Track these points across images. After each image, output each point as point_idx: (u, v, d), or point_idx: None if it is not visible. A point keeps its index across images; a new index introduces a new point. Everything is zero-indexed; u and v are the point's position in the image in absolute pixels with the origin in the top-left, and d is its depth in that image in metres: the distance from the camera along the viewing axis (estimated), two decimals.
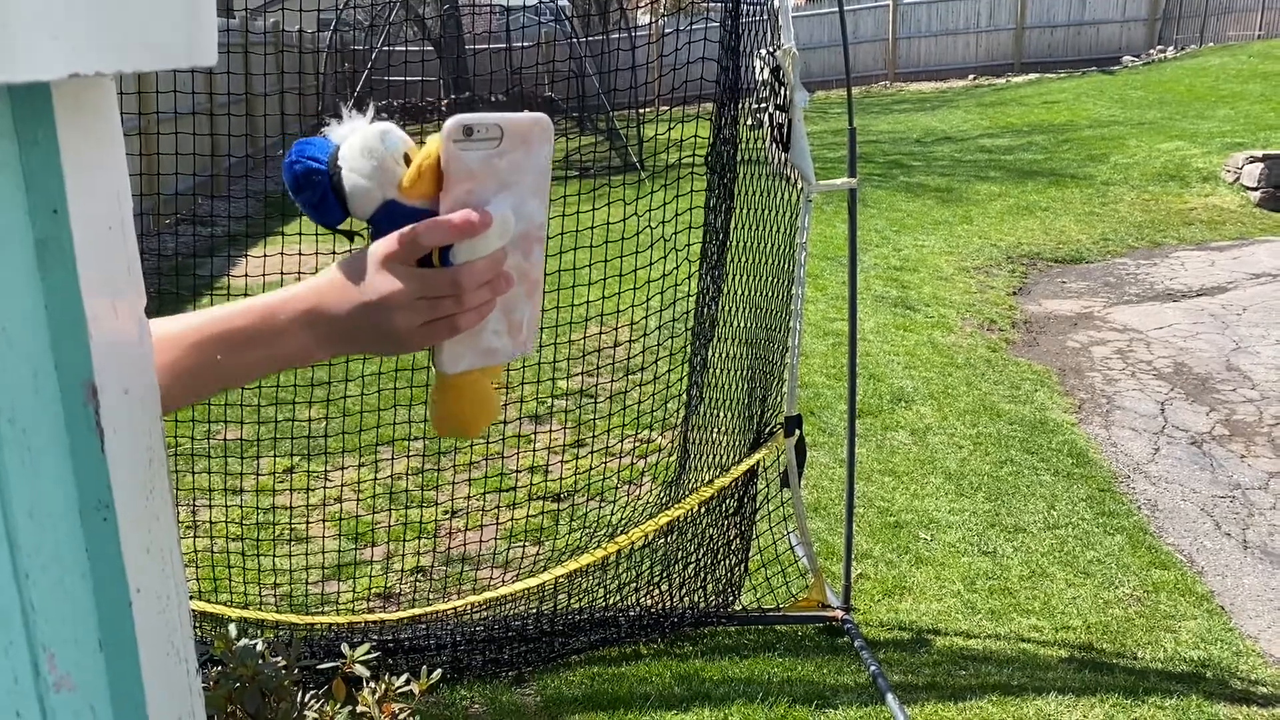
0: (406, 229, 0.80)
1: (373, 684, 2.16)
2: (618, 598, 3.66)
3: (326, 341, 0.84)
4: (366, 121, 0.84)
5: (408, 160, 0.81)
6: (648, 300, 4.54)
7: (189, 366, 0.85)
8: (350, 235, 0.86)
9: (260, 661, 2.01)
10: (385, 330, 0.82)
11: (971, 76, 21.70)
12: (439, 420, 0.91)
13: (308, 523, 4.35)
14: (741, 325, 3.69)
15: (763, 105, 3.39)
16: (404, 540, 4.25)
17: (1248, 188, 10.40)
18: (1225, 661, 3.50)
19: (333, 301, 0.83)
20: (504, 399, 5.24)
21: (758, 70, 3.38)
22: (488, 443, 5.06)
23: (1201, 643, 3.59)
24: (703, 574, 3.70)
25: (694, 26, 4.06)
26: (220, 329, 0.85)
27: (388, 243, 0.81)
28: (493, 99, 16.09)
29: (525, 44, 15.96)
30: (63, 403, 0.49)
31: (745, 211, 3.55)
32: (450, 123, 0.78)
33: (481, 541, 4.22)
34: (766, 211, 3.51)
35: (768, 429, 3.57)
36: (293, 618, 3.40)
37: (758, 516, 3.79)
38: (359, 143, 0.81)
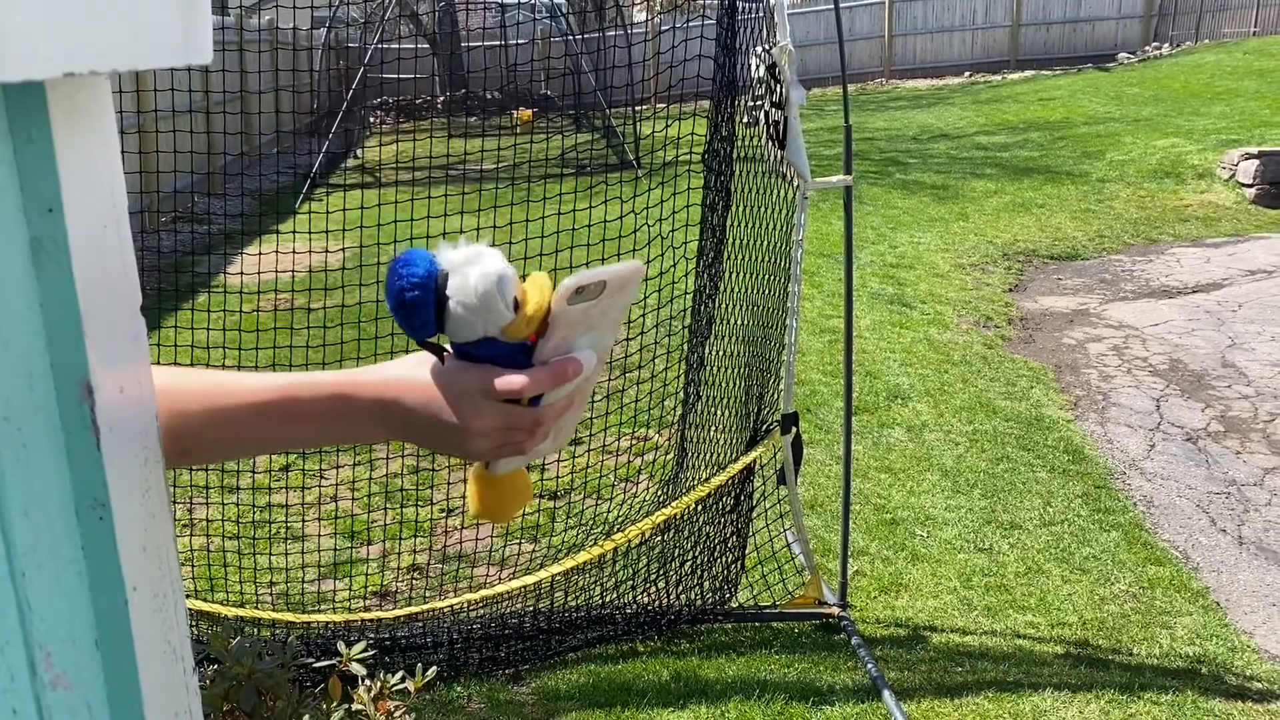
0: (508, 379, 0.83)
1: (369, 682, 2.16)
2: (615, 595, 3.66)
3: (393, 432, 0.87)
4: (480, 250, 0.84)
5: (515, 304, 0.82)
6: (644, 298, 4.54)
7: (244, 421, 0.86)
8: (439, 350, 0.87)
9: (256, 660, 2.01)
10: (460, 446, 0.86)
11: (967, 73, 21.72)
12: (480, 512, 0.95)
13: (304, 520, 4.35)
14: (738, 323, 3.70)
15: (758, 103, 3.39)
16: (400, 539, 4.25)
17: (1243, 184, 10.42)
18: (1220, 657, 3.51)
19: (413, 405, 0.85)
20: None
21: (753, 67, 3.38)
22: None
23: (1197, 638, 3.60)
24: (700, 571, 3.70)
25: (690, 24, 4.06)
26: (289, 398, 0.86)
27: (484, 379, 0.84)
28: (488, 96, 16.08)
29: (521, 41, 15.95)
30: (58, 401, 0.49)
31: (742, 209, 3.55)
32: (566, 283, 0.81)
33: (478, 539, 4.22)
34: (763, 209, 3.51)
35: (764, 426, 3.57)
36: (289, 616, 3.40)
37: (754, 514, 3.79)
38: (475, 284, 0.81)
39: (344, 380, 0.87)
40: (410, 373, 0.86)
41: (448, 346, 0.86)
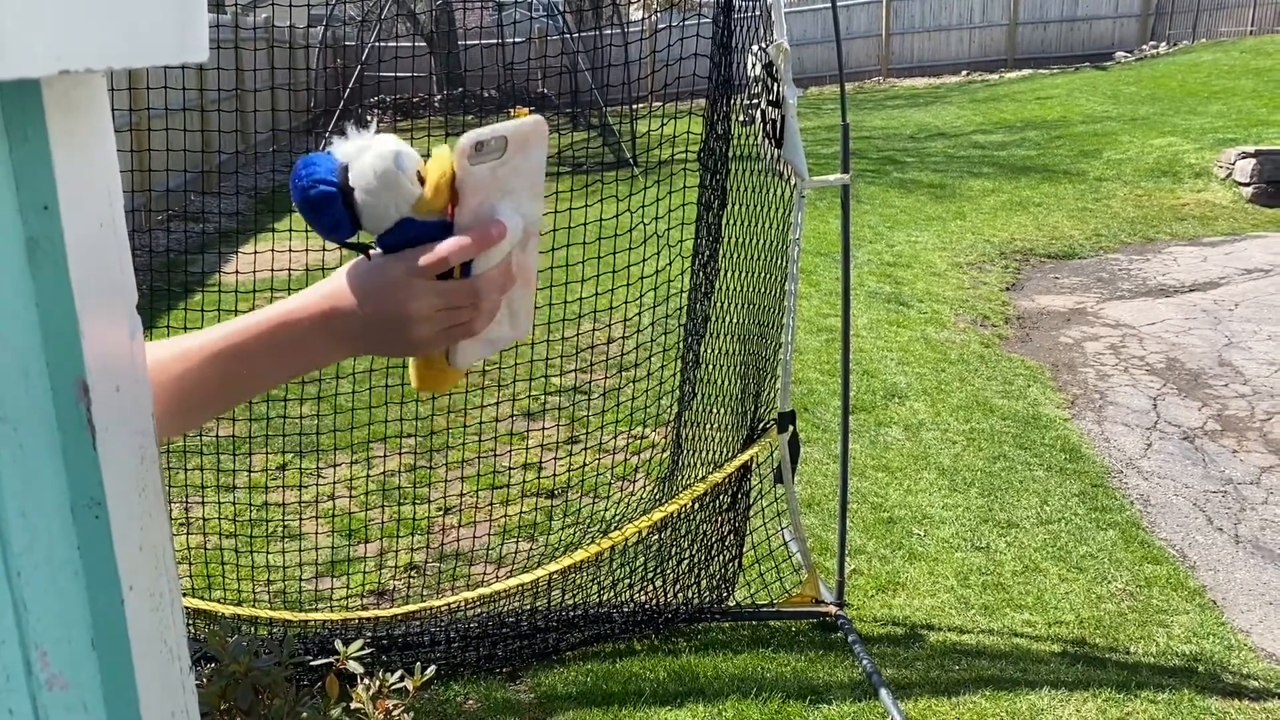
0: (431, 252, 0.82)
1: (367, 681, 2.16)
2: (612, 594, 3.67)
3: (343, 344, 0.87)
4: (372, 137, 0.84)
5: (419, 178, 0.82)
6: (641, 296, 4.54)
7: (208, 378, 0.86)
8: (362, 248, 0.87)
9: (254, 658, 2.01)
10: (405, 338, 0.85)
11: (965, 72, 21.73)
12: (420, 385, 0.94)
13: (301, 519, 4.35)
14: (735, 321, 3.70)
15: (755, 101, 3.39)
16: (397, 537, 4.25)
17: (1240, 183, 10.43)
18: (1217, 656, 3.51)
19: (351, 308, 0.85)
20: (496, 396, 5.24)
21: (750, 66, 3.38)
22: (480, 440, 5.05)
23: (1193, 637, 3.60)
24: (697, 570, 3.71)
25: (687, 23, 4.06)
26: (238, 339, 0.87)
27: (408, 260, 0.83)
28: (485, 94, 16.06)
29: (518, 39, 15.94)
30: (54, 400, 0.49)
31: (738, 207, 3.55)
32: (463, 141, 0.81)
33: (475, 538, 4.22)
34: (759, 207, 3.51)
35: (761, 425, 3.57)
36: (286, 614, 3.40)
37: (751, 512, 3.79)
38: (371, 164, 0.81)
39: (283, 309, 0.87)
40: (343, 281, 0.86)
41: (372, 246, 0.86)
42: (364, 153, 0.82)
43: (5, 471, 0.47)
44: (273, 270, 4.34)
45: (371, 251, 0.86)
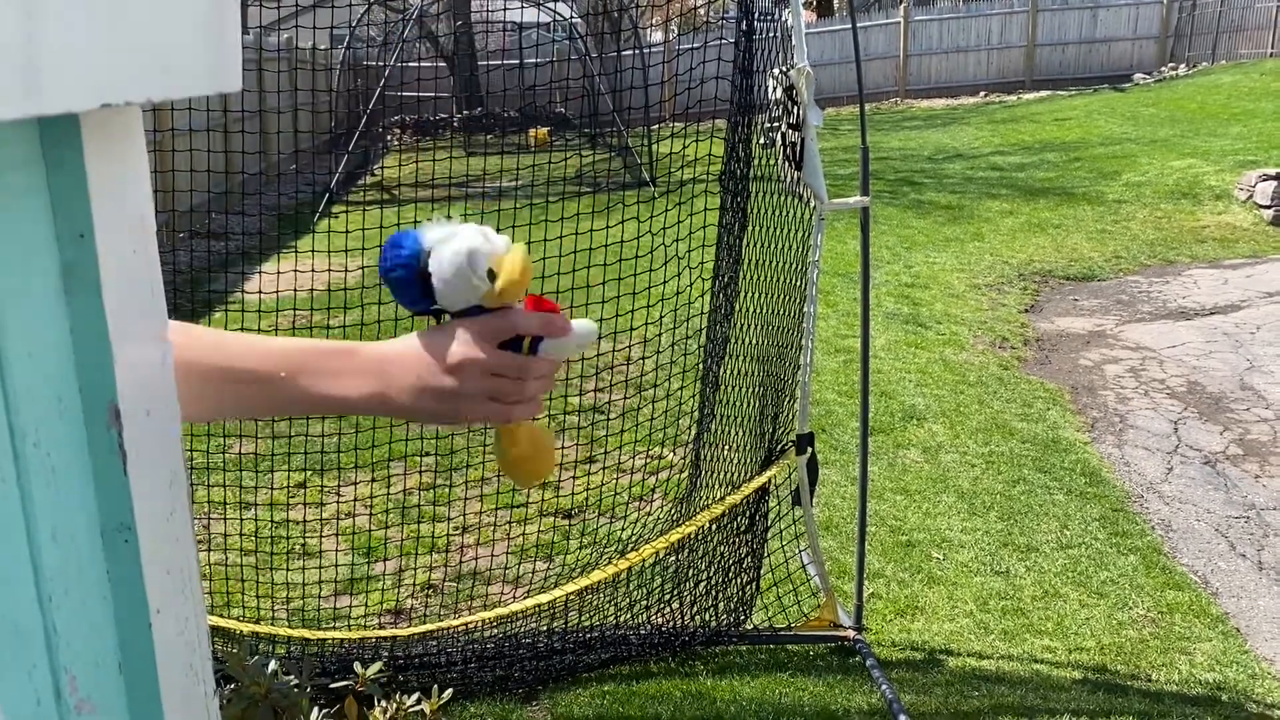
0: (502, 321, 0.89)
1: (384, 703, 2.16)
2: (628, 615, 3.65)
3: (390, 392, 0.90)
4: (458, 227, 0.91)
5: (492, 275, 0.89)
6: (660, 317, 4.55)
7: (259, 374, 0.89)
8: (438, 315, 0.93)
9: (273, 680, 2.01)
10: (446, 390, 0.89)
11: (983, 93, 21.73)
12: (508, 465, 0.99)
13: (321, 537, 4.36)
14: (754, 342, 3.69)
15: (775, 124, 3.40)
16: (416, 554, 4.25)
17: (1261, 206, 10.36)
18: (1240, 684, 3.47)
19: (408, 354, 0.90)
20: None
21: (770, 89, 3.39)
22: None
23: (1216, 665, 3.56)
24: (714, 592, 3.69)
25: (708, 45, 4.08)
26: (299, 348, 0.91)
27: (479, 323, 0.90)
28: (505, 115, 16.16)
29: (538, 61, 16.04)
30: (86, 426, 0.50)
31: (758, 229, 3.55)
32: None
33: (493, 556, 4.21)
34: (779, 229, 3.52)
35: (779, 446, 3.56)
36: (305, 633, 3.40)
37: (769, 535, 3.77)
38: (448, 259, 0.88)
39: (348, 343, 0.93)
40: (410, 336, 0.92)
41: (449, 314, 0.93)
42: (445, 243, 0.89)
43: (37, 495, 0.47)
44: (295, 289, 4.37)
45: (445, 319, 0.93)
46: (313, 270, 4.54)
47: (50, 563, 0.48)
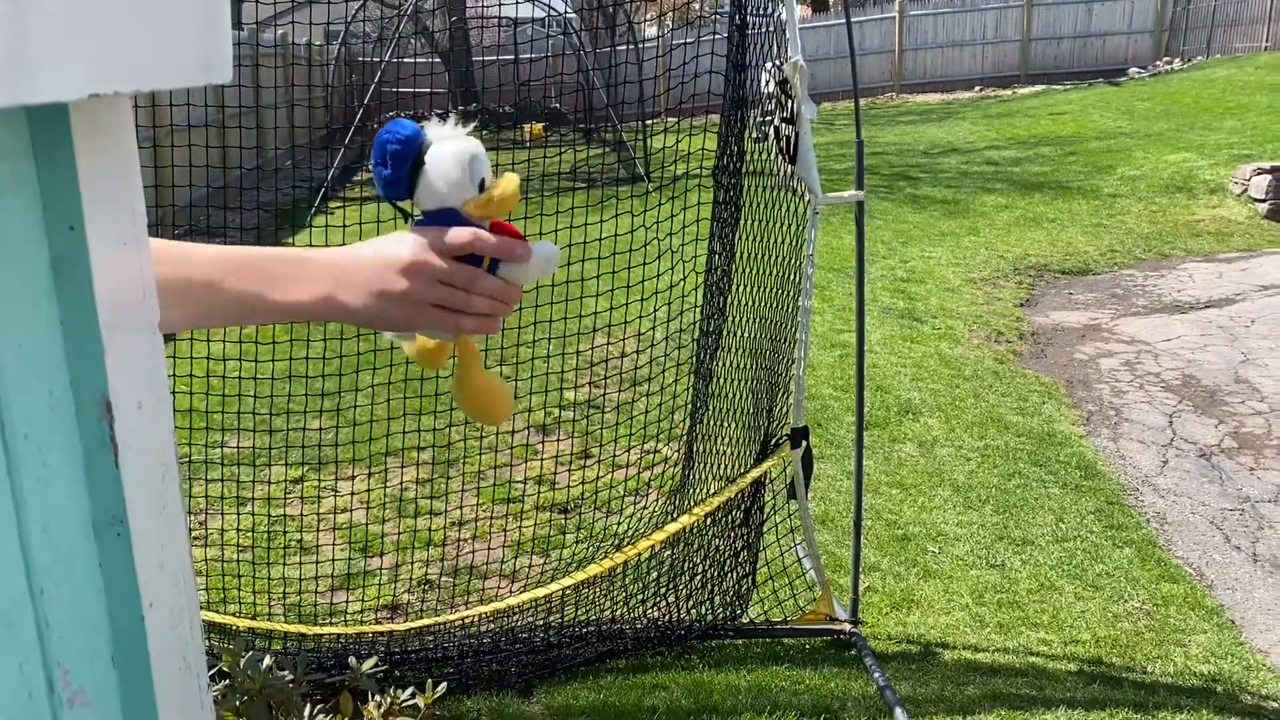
0: (461, 230, 0.91)
1: (379, 697, 2.16)
2: (625, 609, 3.66)
3: (340, 293, 0.91)
4: (464, 134, 0.93)
5: (481, 185, 0.91)
6: (654, 311, 4.55)
7: (213, 281, 0.90)
8: (406, 215, 0.95)
9: (268, 676, 2.01)
10: (395, 293, 0.90)
11: (978, 88, 21.73)
12: (461, 398, 1.01)
13: (319, 531, 4.36)
14: (748, 336, 3.69)
15: (769, 118, 3.40)
16: (413, 547, 4.25)
17: (1255, 199, 10.38)
18: (1235, 676, 3.48)
19: (361, 257, 0.92)
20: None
21: (764, 83, 3.39)
22: (495, 453, 5.06)
23: (1211, 657, 3.57)
24: (710, 586, 3.69)
25: (701, 40, 4.07)
26: (249, 256, 0.92)
27: (439, 231, 0.91)
28: (499, 110, 16.14)
29: (533, 56, 16.02)
30: (77, 418, 0.49)
31: (752, 223, 3.55)
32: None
33: (490, 549, 4.22)
34: (773, 223, 3.51)
35: (774, 440, 3.56)
36: (300, 628, 3.40)
37: (765, 528, 3.78)
38: (451, 153, 0.90)
39: (304, 250, 0.95)
40: (370, 241, 0.94)
41: (414, 216, 0.94)
42: (449, 140, 0.91)
43: (28, 489, 0.47)
44: None
45: (413, 217, 0.94)
46: None
47: (41, 556, 0.48)
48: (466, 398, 0.99)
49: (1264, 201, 10.25)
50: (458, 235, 0.90)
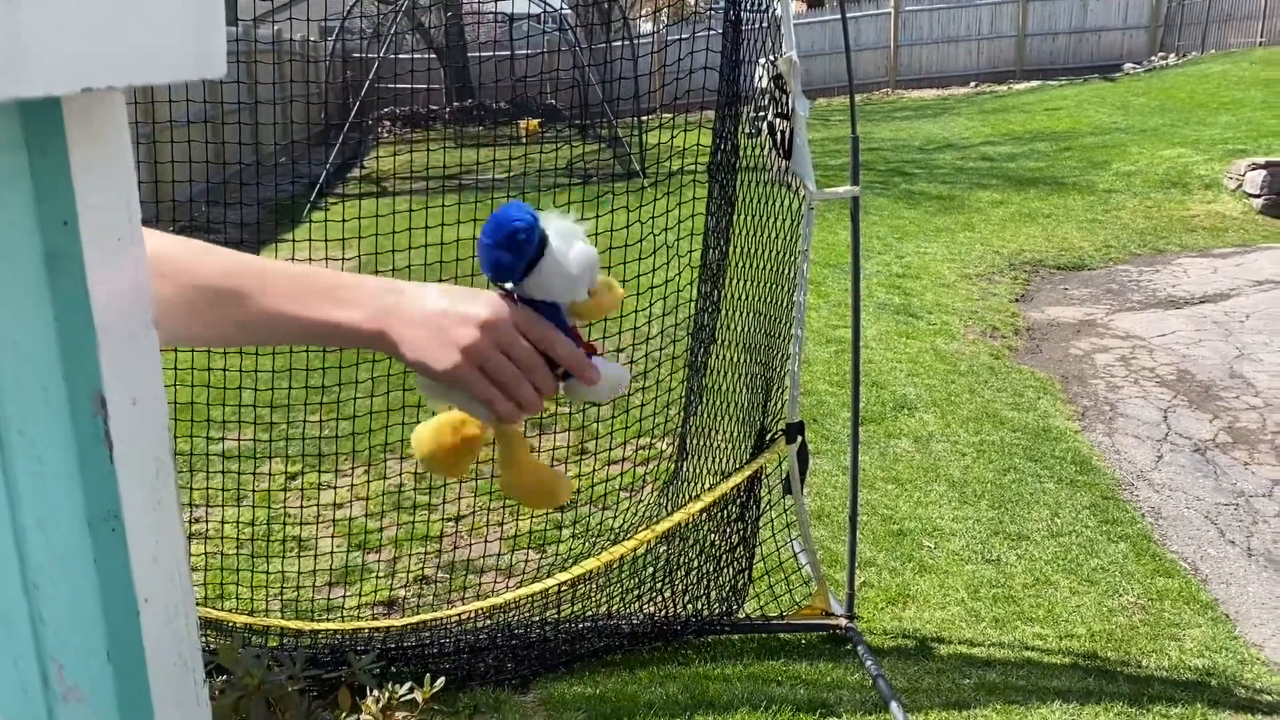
0: (552, 332, 0.89)
1: (377, 692, 2.16)
2: (621, 605, 3.66)
3: (399, 319, 0.87)
4: (580, 230, 0.91)
5: (589, 291, 0.91)
6: (650, 306, 4.54)
7: (247, 292, 0.86)
8: (507, 292, 0.92)
9: (266, 671, 2.01)
10: (457, 340, 0.86)
11: (973, 83, 21.73)
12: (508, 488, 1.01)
13: (317, 525, 4.35)
14: (743, 331, 3.69)
15: (762, 114, 3.40)
16: (410, 541, 4.25)
17: (1250, 195, 10.39)
18: (1230, 670, 3.49)
19: (430, 294, 0.88)
20: None
21: (758, 78, 3.39)
22: (491, 447, 5.05)
23: (1206, 651, 3.58)
24: (706, 581, 3.70)
25: (696, 35, 4.07)
26: (309, 271, 0.89)
27: (529, 312, 0.89)
28: (495, 106, 16.12)
29: (528, 52, 15.99)
30: (72, 414, 0.49)
31: (747, 218, 3.55)
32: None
33: (486, 543, 4.22)
34: (768, 218, 3.52)
35: (769, 435, 3.57)
36: (297, 624, 3.40)
37: (760, 524, 3.78)
38: (581, 251, 0.89)
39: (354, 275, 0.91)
40: (437, 284, 0.92)
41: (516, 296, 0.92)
42: (574, 237, 0.89)
43: (23, 485, 0.47)
44: None
45: (515, 296, 0.91)
46: (310, 260, 4.53)
47: (36, 552, 0.48)
48: (521, 476, 0.97)
49: (1259, 196, 10.27)
50: (546, 331, 0.88)
